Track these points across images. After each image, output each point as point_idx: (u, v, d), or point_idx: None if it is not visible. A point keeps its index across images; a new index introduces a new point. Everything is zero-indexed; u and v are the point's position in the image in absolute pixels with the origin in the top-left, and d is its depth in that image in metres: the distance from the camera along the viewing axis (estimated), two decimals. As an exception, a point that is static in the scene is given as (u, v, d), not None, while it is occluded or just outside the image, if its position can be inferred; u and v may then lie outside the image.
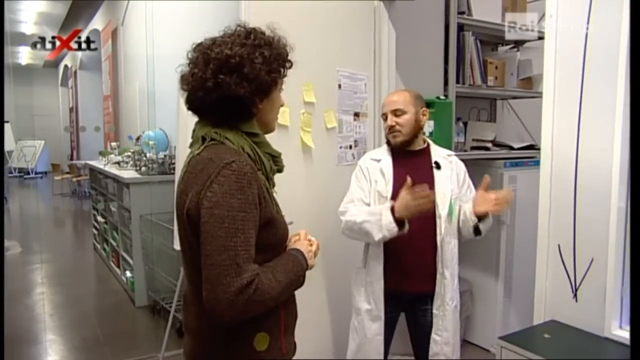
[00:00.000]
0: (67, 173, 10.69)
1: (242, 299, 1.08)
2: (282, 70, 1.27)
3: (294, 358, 1.37)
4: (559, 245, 1.92)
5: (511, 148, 3.43)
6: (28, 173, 13.33)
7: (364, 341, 2.19)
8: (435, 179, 2.11)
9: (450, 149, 2.86)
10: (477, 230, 2.06)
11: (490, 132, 3.50)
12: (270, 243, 1.23)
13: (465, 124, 3.36)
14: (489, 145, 3.39)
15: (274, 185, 1.31)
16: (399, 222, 1.92)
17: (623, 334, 1.76)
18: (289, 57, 1.29)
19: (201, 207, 1.13)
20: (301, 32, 2.33)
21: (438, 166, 2.13)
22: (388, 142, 2.19)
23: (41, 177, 13.45)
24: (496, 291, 3.30)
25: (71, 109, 11.98)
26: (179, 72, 1.28)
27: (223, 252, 1.09)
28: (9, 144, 12.17)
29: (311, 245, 1.35)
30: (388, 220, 1.93)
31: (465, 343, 3.40)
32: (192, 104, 1.26)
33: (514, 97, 3.70)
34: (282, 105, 1.36)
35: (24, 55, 13.03)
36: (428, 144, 2.20)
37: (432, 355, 2.12)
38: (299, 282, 1.27)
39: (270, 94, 1.27)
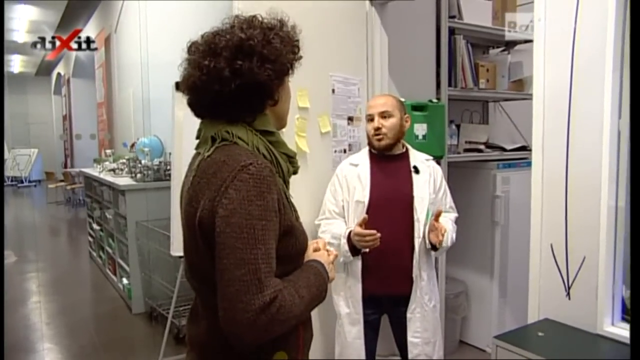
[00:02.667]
0: (61, 181, 10.66)
1: (264, 318, 0.97)
2: (297, 52, 1.17)
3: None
4: (551, 245, 1.95)
5: (504, 150, 3.46)
6: (22, 182, 13.29)
7: (345, 345, 2.22)
8: (414, 183, 2.15)
9: (443, 151, 2.91)
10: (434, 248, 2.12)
11: (483, 134, 3.53)
12: (290, 254, 1.12)
13: (458, 126, 3.39)
14: (482, 147, 3.42)
15: (289, 189, 1.20)
16: (355, 249, 2.08)
17: (615, 330, 1.79)
18: (298, 40, 1.19)
19: (216, 216, 1.01)
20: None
21: (417, 170, 2.17)
22: (369, 145, 2.22)
23: (35, 186, 13.41)
24: (491, 291, 3.32)
25: (65, 117, 11.96)
26: (180, 70, 1.16)
27: (242, 266, 0.97)
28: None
29: (329, 255, 1.24)
30: (344, 248, 2.09)
31: (461, 343, 3.43)
32: (202, 102, 1.13)
33: (506, 99, 3.74)
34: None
35: (17, 63, 13.03)
36: (407, 149, 2.24)
37: (413, 356, 2.16)
38: (322, 297, 1.16)
39: (285, 80, 1.17)
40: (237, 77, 1.06)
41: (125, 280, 4.50)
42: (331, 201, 2.25)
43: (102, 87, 7.99)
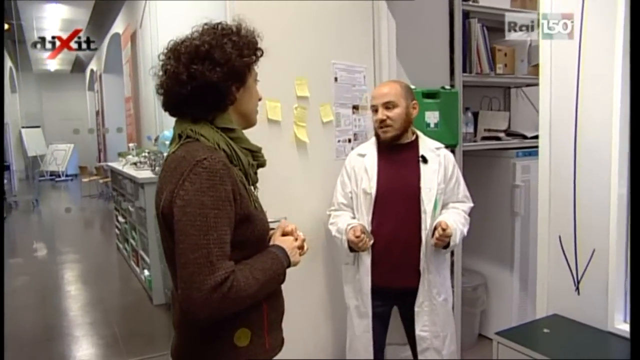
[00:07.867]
0: (95, 175, 10.94)
1: (216, 297, 1.08)
2: (253, 57, 1.27)
3: (283, 355, 1.36)
4: (559, 237, 1.85)
5: (524, 137, 3.32)
6: (59, 176, 13.73)
7: (353, 338, 2.20)
8: (421, 173, 2.09)
9: (457, 140, 2.81)
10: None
11: (503, 121, 3.40)
12: (248, 239, 1.22)
13: (475, 114, 3.27)
14: (501, 135, 3.29)
15: (256, 181, 1.31)
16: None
17: (628, 328, 1.68)
18: (258, 45, 1.29)
19: (174, 206, 1.13)
20: (293, 26, 2.32)
21: (424, 160, 2.10)
22: (376, 135, 2.16)
23: (71, 180, 13.82)
24: (512, 284, 3.22)
25: (97, 112, 12.26)
26: (151, 74, 1.29)
27: (196, 250, 1.09)
28: (40, 148, 12.61)
29: (296, 240, 1.33)
30: (345, 246, 2.10)
31: (480, 337, 3.34)
32: (169, 103, 1.26)
33: (528, 85, 3.58)
34: (260, 99, 1.35)
35: (53, 61, 13.42)
36: (417, 137, 2.17)
37: (421, 350, 2.12)
38: (279, 280, 1.26)
39: (246, 82, 1.27)
40: (192, 80, 1.19)
41: (146, 272, 4.58)
42: (340, 192, 2.22)
43: (129, 81, 8.13)
